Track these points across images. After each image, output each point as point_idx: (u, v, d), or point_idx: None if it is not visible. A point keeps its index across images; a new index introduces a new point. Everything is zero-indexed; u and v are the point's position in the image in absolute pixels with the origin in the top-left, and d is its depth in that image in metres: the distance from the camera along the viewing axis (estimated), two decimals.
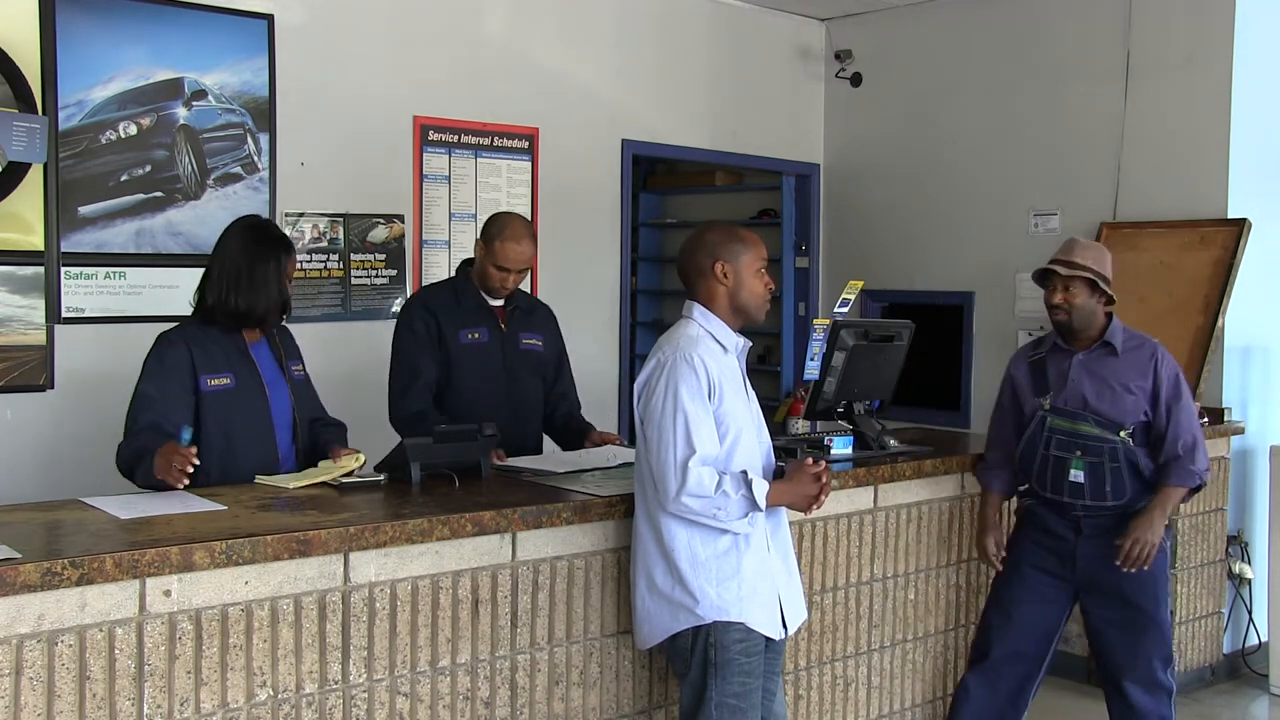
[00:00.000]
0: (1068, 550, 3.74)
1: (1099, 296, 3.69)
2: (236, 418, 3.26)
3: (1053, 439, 3.73)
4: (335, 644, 2.70)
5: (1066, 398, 3.73)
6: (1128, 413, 3.67)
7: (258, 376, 3.32)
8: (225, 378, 3.23)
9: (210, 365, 3.23)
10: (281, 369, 3.40)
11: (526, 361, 3.96)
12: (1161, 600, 3.72)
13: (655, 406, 2.91)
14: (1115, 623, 3.72)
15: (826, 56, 6.98)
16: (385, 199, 5.34)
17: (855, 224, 7.00)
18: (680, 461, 2.85)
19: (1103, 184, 5.85)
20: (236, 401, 3.26)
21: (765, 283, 3.07)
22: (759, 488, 2.89)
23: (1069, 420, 3.71)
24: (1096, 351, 3.73)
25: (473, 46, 5.60)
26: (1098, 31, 5.87)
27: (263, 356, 3.38)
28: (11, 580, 2.26)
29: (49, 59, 4.41)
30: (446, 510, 2.89)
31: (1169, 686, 3.73)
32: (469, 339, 3.86)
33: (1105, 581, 3.70)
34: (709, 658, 2.93)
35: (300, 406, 3.41)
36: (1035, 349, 3.90)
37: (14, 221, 4.37)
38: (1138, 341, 3.75)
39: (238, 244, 3.29)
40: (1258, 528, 5.47)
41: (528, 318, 4.02)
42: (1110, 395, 3.68)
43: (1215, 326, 5.22)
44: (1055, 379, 3.77)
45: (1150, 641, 3.69)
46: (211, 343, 3.26)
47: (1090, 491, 3.68)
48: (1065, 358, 3.77)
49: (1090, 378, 3.71)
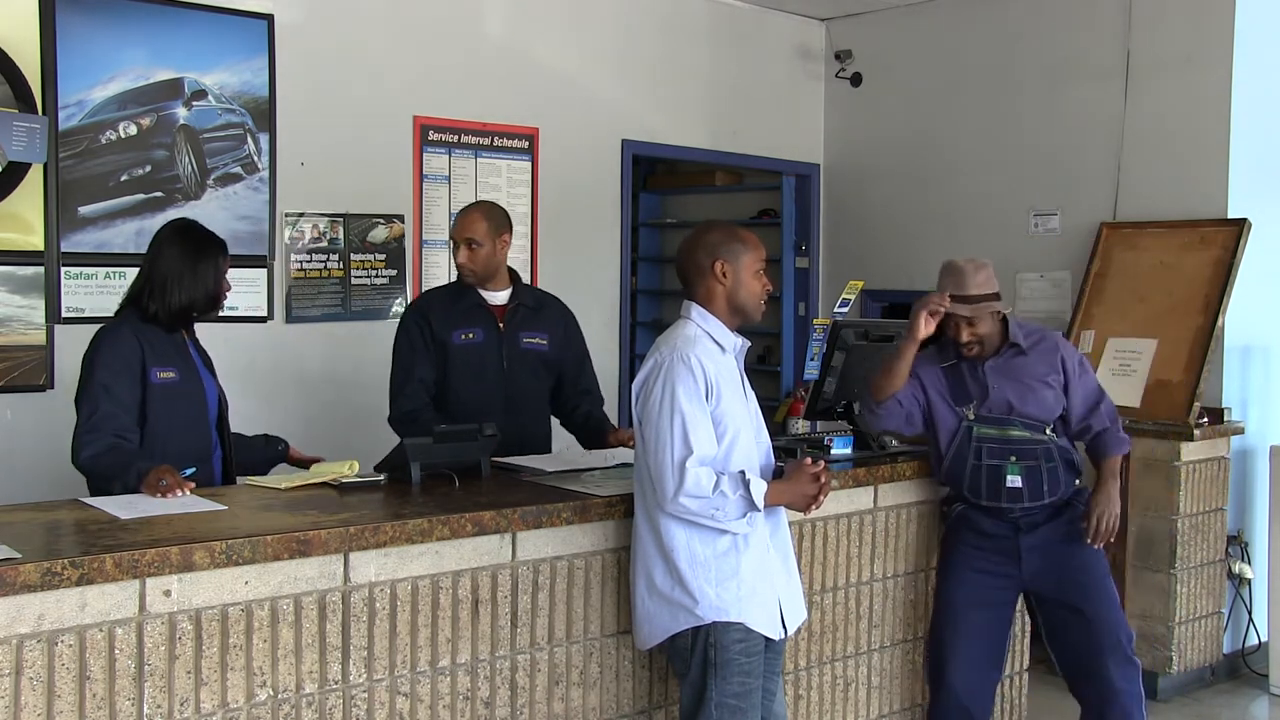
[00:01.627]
0: (1010, 548, 3.73)
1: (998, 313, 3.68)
2: (180, 409, 3.38)
3: (983, 448, 3.70)
4: (335, 644, 2.70)
5: (991, 405, 3.71)
6: (1050, 408, 3.71)
7: (196, 371, 3.46)
8: (171, 371, 3.37)
9: (158, 358, 3.35)
10: (208, 367, 3.55)
11: (526, 361, 3.94)
12: (1105, 573, 3.75)
13: (653, 407, 2.92)
14: (1074, 608, 3.71)
15: (826, 56, 6.98)
16: (385, 199, 5.34)
17: (855, 224, 7.00)
18: (678, 462, 2.85)
19: (1103, 184, 5.85)
20: (180, 394, 3.38)
21: (764, 284, 3.07)
22: (757, 488, 2.89)
23: (997, 427, 3.70)
24: (1006, 354, 3.73)
25: (473, 46, 5.60)
26: (1098, 31, 5.87)
27: (195, 354, 3.53)
28: (11, 580, 2.26)
29: (49, 59, 4.42)
30: (446, 510, 2.89)
31: (1137, 662, 3.74)
32: (462, 339, 3.87)
33: (1050, 571, 3.72)
34: (709, 658, 2.93)
35: (223, 402, 3.57)
36: (941, 355, 3.80)
37: (14, 221, 4.37)
38: (1038, 335, 3.78)
39: (176, 247, 3.43)
40: (1258, 528, 5.47)
41: (533, 316, 4.00)
42: (1032, 395, 3.70)
43: (1215, 326, 5.22)
44: (975, 388, 3.73)
45: (1113, 619, 3.70)
46: (156, 338, 3.38)
47: (1029, 494, 3.67)
48: (975, 366, 3.74)
49: (1008, 381, 3.71)
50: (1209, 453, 5.17)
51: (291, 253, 5.06)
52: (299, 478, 3.24)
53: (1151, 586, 5.09)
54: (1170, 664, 5.05)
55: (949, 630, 3.77)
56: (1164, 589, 5.06)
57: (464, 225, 3.88)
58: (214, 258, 3.43)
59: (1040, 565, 3.73)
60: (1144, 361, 5.34)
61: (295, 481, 3.20)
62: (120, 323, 3.39)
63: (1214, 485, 5.19)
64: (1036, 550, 3.73)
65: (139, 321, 3.38)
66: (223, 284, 3.46)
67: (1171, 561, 5.04)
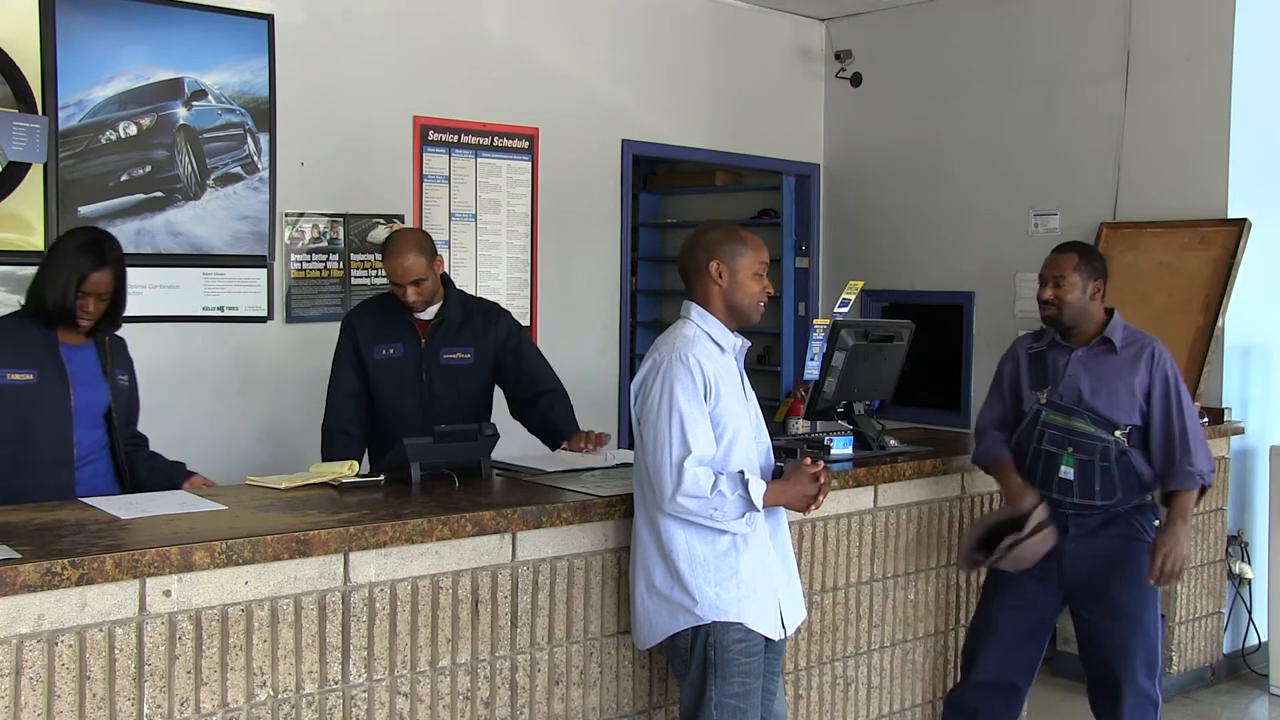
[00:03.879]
0: (1054, 551, 3.64)
1: (1092, 291, 3.67)
2: (34, 411, 3.33)
3: (1045, 433, 3.68)
4: (335, 644, 2.70)
5: (1063, 393, 3.69)
6: (1123, 411, 3.62)
7: (63, 374, 3.38)
8: (28, 373, 3.33)
9: (13, 360, 3.32)
10: (105, 373, 3.47)
11: (447, 375, 3.93)
12: (1149, 604, 3.65)
13: (651, 408, 2.92)
14: (1102, 626, 3.65)
15: (826, 56, 6.99)
16: (385, 199, 5.34)
17: (855, 224, 7.00)
18: (676, 462, 2.85)
19: (1103, 184, 5.85)
20: (35, 396, 3.34)
21: (763, 286, 3.05)
22: (756, 488, 2.89)
23: (1064, 415, 3.67)
24: (1096, 348, 3.70)
25: (473, 47, 5.60)
26: (1098, 31, 5.88)
27: (81, 357, 3.44)
28: (11, 580, 2.26)
29: (49, 59, 4.41)
30: (446, 510, 2.89)
31: (1154, 698, 3.64)
32: (383, 354, 3.91)
33: (1092, 583, 3.65)
34: (708, 658, 2.93)
35: (118, 409, 3.49)
36: (1036, 340, 3.84)
37: (14, 221, 4.37)
38: (1137, 339, 3.71)
39: (53, 249, 3.47)
40: (1258, 528, 5.47)
41: (457, 330, 3.95)
42: (1106, 393, 3.64)
43: (1215, 326, 5.21)
44: (1054, 373, 3.73)
45: (1135, 645, 3.61)
46: (24, 338, 3.36)
47: (1079, 489, 3.62)
48: (1064, 353, 3.73)
49: (1087, 374, 3.67)
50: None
51: (291, 253, 5.06)
52: (299, 477, 3.23)
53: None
54: (1170, 664, 5.04)
55: (983, 627, 3.79)
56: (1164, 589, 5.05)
57: (402, 270, 3.78)
58: (72, 270, 3.32)
59: (1079, 573, 3.65)
60: None
61: (295, 481, 3.19)
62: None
63: (1214, 485, 5.18)
64: (1079, 558, 3.65)
65: (19, 319, 3.41)
66: (80, 302, 3.32)
67: None
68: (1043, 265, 3.76)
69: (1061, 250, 3.75)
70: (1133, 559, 3.62)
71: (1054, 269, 3.70)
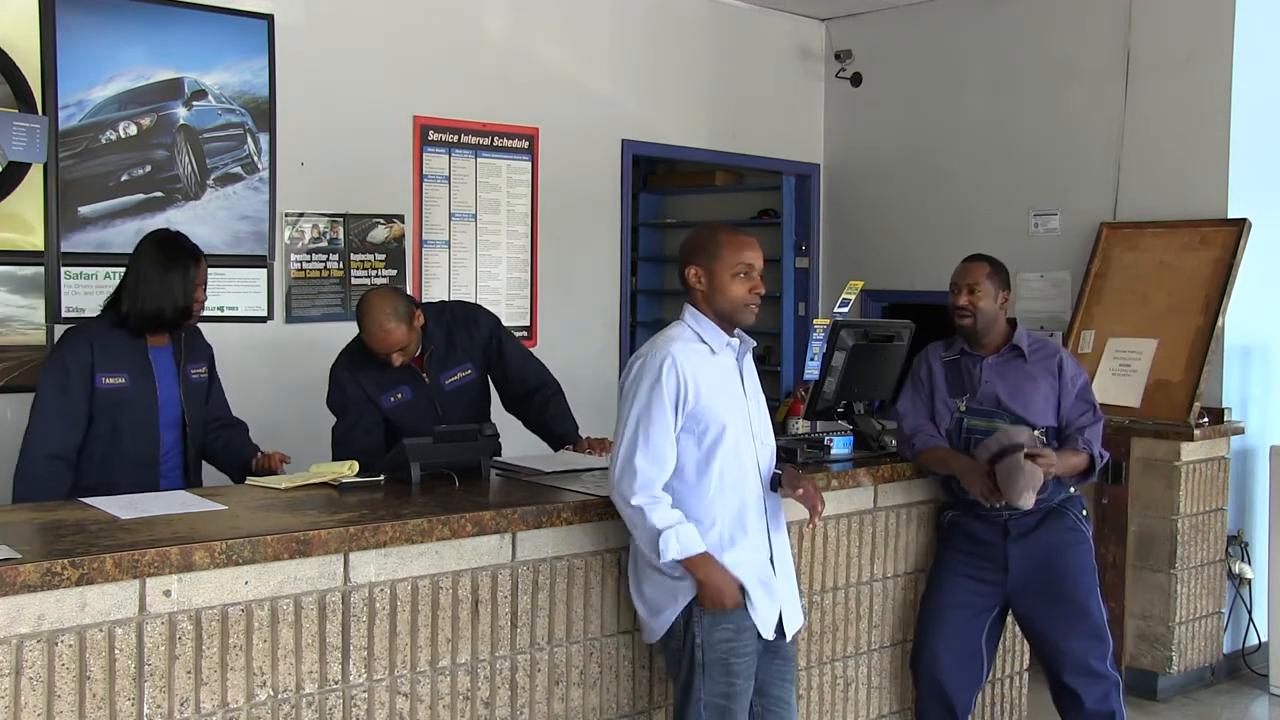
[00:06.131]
0: (998, 554, 3.77)
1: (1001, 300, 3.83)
2: (124, 413, 3.50)
3: (971, 439, 3.77)
4: (335, 644, 2.70)
5: (981, 398, 3.81)
6: (1038, 410, 3.76)
7: (151, 378, 3.56)
8: (121, 377, 3.49)
9: (109, 365, 3.48)
10: (179, 371, 3.63)
11: (458, 400, 3.92)
12: (1089, 589, 3.76)
13: (624, 401, 2.99)
14: (1048, 617, 3.76)
15: (826, 56, 6.98)
16: (385, 199, 5.34)
17: (855, 224, 7.00)
18: (625, 458, 2.91)
19: (1103, 184, 5.85)
20: (127, 399, 3.50)
21: (750, 286, 3.01)
22: (682, 539, 2.87)
23: (985, 419, 3.77)
24: (1006, 355, 3.85)
25: (473, 46, 5.60)
26: (1097, 31, 5.87)
27: (163, 359, 3.61)
28: (11, 580, 2.26)
29: (49, 59, 4.41)
30: (446, 510, 2.89)
31: (1113, 677, 3.75)
32: (392, 401, 3.87)
33: (1035, 579, 3.75)
34: (696, 658, 2.95)
35: (190, 407, 3.64)
36: (947, 349, 3.95)
37: (14, 221, 4.37)
38: (1044, 346, 3.87)
39: (149, 256, 3.55)
40: (1258, 528, 5.47)
41: (446, 352, 3.93)
42: (1020, 394, 3.77)
43: (1215, 326, 5.21)
44: (969, 382, 3.85)
45: (1083, 631, 3.73)
46: (115, 344, 3.51)
47: None
48: (975, 362, 3.87)
49: (1002, 380, 3.81)
50: (1209, 453, 5.17)
51: (291, 253, 5.06)
52: (299, 477, 3.24)
53: (1151, 586, 5.10)
54: (1170, 664, 5.05)
55: (929, 630, 3.84)
56: (1164, 589, 5.06)
57: (387, 340, 3.69)
58: (184, 269, 3.53)
59: (1022, 572, 3.76)
60: (1144, 361, 5.34)
61: (295, 481, 3.20)
62: (81, 328, 3.57)
63: (1214, 485, 5.19)
64: (1026, 558, 3.76)
65: (108, 326, 3.53)
66: (195, 295, 3.57)
67: (1171, 561, 5.04)
68: (954, 274, 3.92)
69: (972, 260, 3.92)
70: (1072, 548, 3.76)
71: (967, 277, 3.87)
